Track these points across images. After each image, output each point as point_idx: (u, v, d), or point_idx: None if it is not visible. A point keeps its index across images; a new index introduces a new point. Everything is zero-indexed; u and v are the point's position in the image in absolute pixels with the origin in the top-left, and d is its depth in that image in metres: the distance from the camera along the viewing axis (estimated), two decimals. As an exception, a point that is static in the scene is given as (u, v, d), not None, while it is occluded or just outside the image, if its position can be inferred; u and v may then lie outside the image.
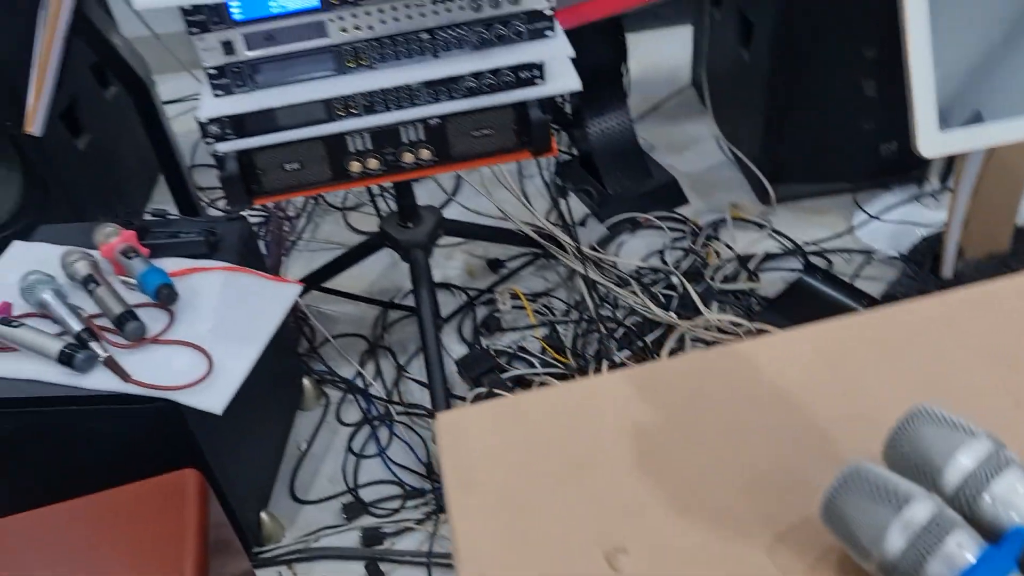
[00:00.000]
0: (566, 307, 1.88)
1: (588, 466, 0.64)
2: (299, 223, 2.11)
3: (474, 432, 0.69)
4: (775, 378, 0.68)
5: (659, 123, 2.36)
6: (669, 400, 0.68)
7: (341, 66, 1.36)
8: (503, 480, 0.65)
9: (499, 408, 0.70)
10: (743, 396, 0.67)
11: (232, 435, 1.45)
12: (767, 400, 0.67)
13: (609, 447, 0.65)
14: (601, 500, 0.62)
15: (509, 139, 1.44)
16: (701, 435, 0.65)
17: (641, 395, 0.69)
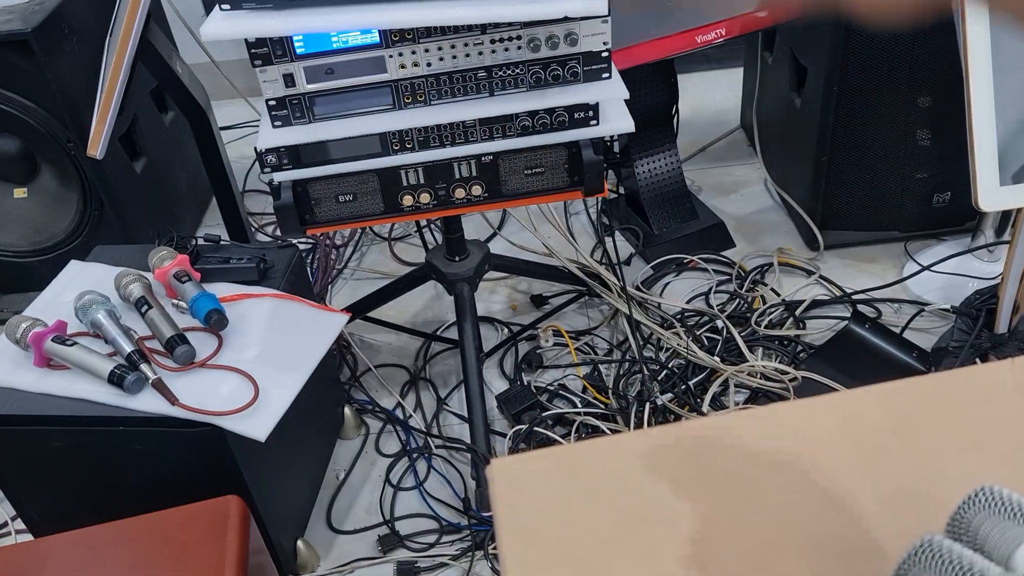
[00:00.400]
0: (608, 346, 1.87)
1: (647, 522, 0.64)
2: (346, 252, 2.13)
3: (529, 480, 0.68)
4: (839, 439, 0.67)
5: (707, 165, 2.35)
6: (730, 456, 0.67)
7: (398, 101, 1.38)
8: (558, 531, 0.64)
9: (555, 456, 0.69)
10: (806, 457, 0.66)
11: (273, 462, 1.45)
12: (831, 463, 0.65)
13: (669, 503, 0.64)
14: (659, 558, 0.61)
15: (561, 178, 1.45)
16: (762, 496, 0.64)
17: (703, 448, 0.68)
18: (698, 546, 0.62)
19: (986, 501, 0.53)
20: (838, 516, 0.61)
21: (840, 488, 0.63)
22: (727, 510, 0.64)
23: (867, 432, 0.67)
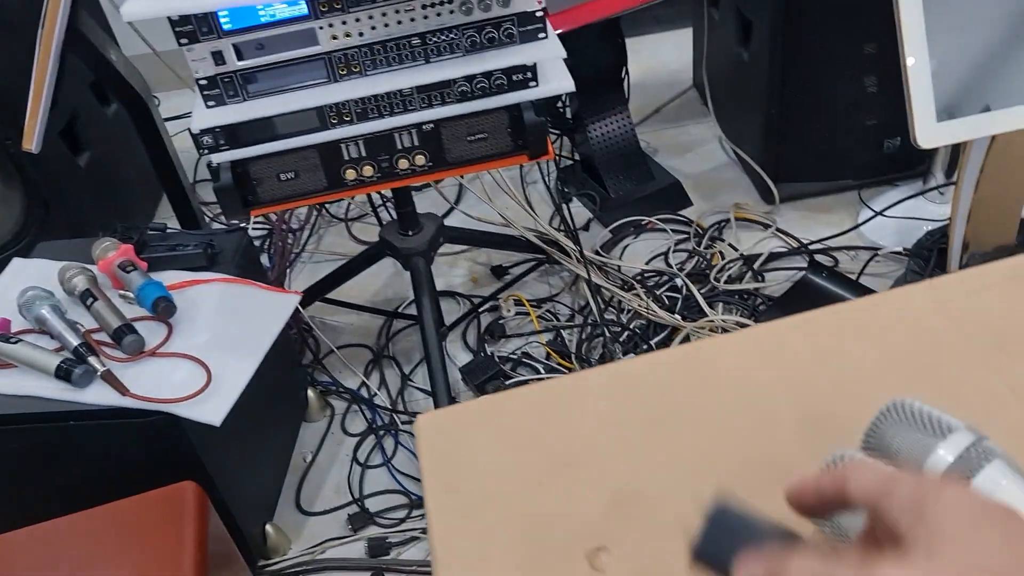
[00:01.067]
0: (570, 312, 1.86)
1: (571, 464, 0.63)
2: (303, 235, 2.11)
3: (455, 432, 0.67)
4: (762, 369, 0.66)
5: (661, 126, 2.35)
6: (653, 395, 0.67)
7: (333, 73, 1.36)
8: (483, 480, 0.64)
9: (481, 407, 0.69)
10: (729, 389, 0.66)
11: (234, 447, 1.44)
12: (754, 393, 0.65)
13: (592, 444, 0.64)
14: (583, 499, 0.61)
15: (505, 143, 1.43)
16: (685, 430, 0.64)
17: (626, 390, 0.67)
18: (623, 482, 0.61)
19: (898, 414, 0.53)
20: (762, 441, 0.61)
21: (764, 415, 0.63)
22: (652, 445, 0.63)
23: (791, 360, 0.67)
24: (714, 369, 0.67)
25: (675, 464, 0.62)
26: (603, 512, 0.60)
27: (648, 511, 0.59)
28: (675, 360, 0.69)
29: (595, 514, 0.60)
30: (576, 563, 0.57)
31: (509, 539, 0.60)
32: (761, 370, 0.66)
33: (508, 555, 0.59)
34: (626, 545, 0.57)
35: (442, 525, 0.61)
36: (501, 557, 0.59)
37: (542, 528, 0.60)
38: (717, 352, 0.69)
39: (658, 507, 0.59)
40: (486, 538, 0.60)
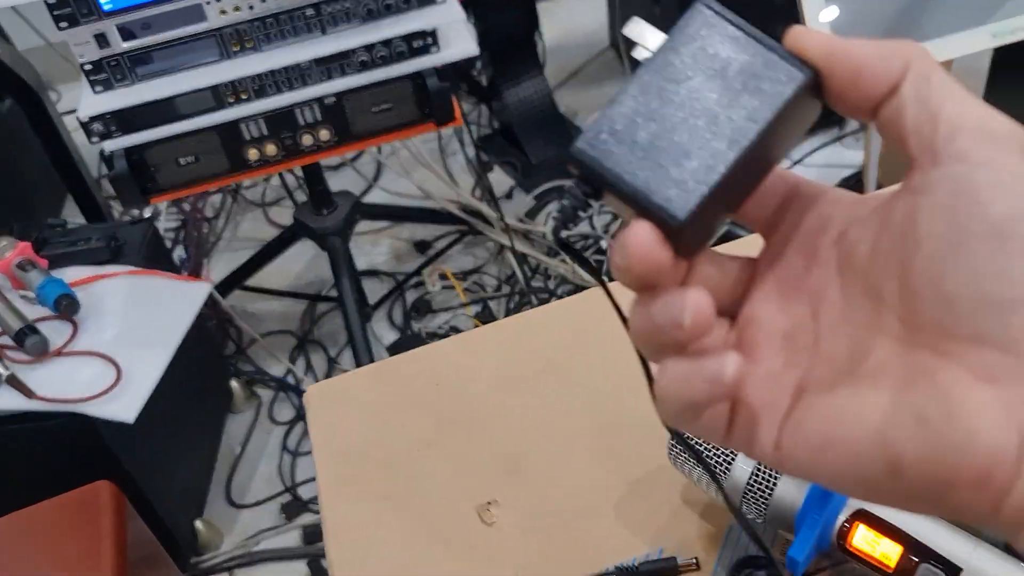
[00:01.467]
0: (497, 282, 1.84)
1: (460, 423, 0.61)
2: (218, 223, 2.05)
3: (345, 400, 0.65)
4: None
5: (580, 88, 2.32)
6: (542, 349, 0.65)
7: (226, 50, 1.31)
8: (373, 446, 0.61)
9: (370, 374, 0.67)
10: (619, 337, 0.64)
11: (153, 444, 1.39)
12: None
13: (481, 402, 0.62)
14: (473, 456, 0.59)
15: (411, 112, 1.40)
16: (574, 382, 0.62)
17: (514, 346, 0.66)
18: (512, 437, 0.60)
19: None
20: (646, 392, 0.60)
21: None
22: (540, 399, 0.62)
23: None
24: (605, 317, 0.66)
25: (563, 416, 0.60)
26: (492, 468, 0.58)
27: (537, 464, 0.58)
28: (564, 312, 0.68)
29: (484, 470, 0.58)
30: (466, 518, 0.55)
31: (399, 501, 0.58)
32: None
33: (398, 517, 0.57)
34: (515, 497, 0.56)
35: (331, 493, 0.59)
36: (391, 520, 0.57)
37: (432, 488, 0.58)
38: (606, 299, 0.67)
39: (547, 459, 0.58)
40: (376, 502, 0.58)
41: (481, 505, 0.56)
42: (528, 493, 0.56)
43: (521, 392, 0.62)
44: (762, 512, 0.49)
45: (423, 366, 0.66)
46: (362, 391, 0.65)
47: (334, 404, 0.64)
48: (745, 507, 0.49)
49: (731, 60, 0.30)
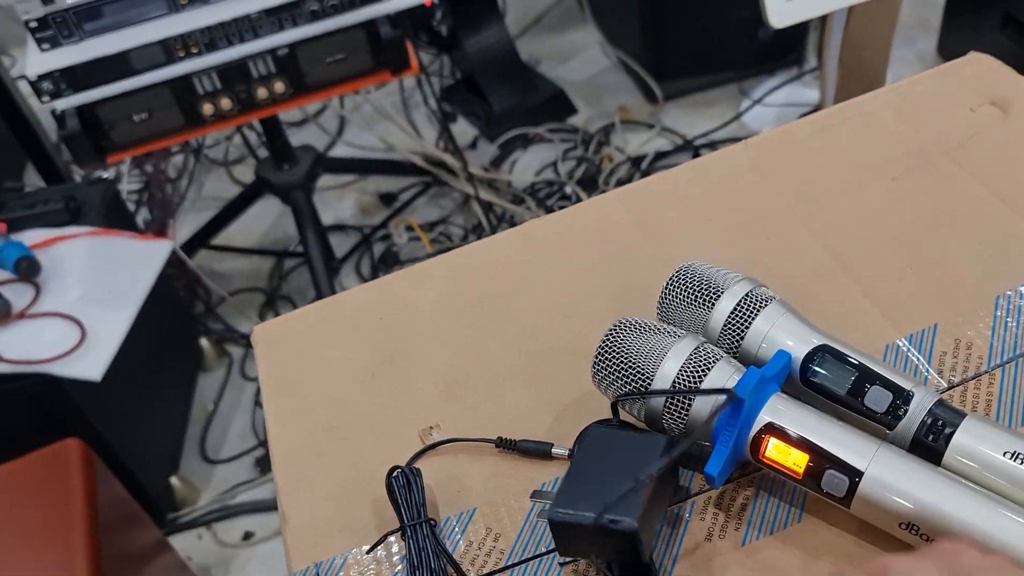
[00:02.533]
0: (463, 232, 1.85)
1: (403, 354, 0.62)
2: (182, 184, 2.04)
3: (291, 338, 0.66)
4: (586, 246, 0.66)
5: (542, 35, 2.31)
6: (482, 280, 0.66)
7: (174, 4, 1.30)
8: (318, 380, 0.63)
9: (316, 311, 0.67)
10: (554, 267, 0.65)
11: (123, 403, 1.40)
12: (576, 269, 0.65)
13: (423, 333, 0.63)
14: (415, 385, 0.60)
15: (365, 61, 1.39)
16: (511, 311, 0.64)
17: (455, 278, 0.67)
18: (453, 365, 0.61)
19: (680, 282, 0.54)
20: (580, 317, 0.61)
21: (585, 291, 0.63)
22: (480, 328, 0.63)
23: (613, 234, 0.66)
24: (541, 249, 0.67)
25: (500, 344, 0.61)
26: (434, 395, 0.59)
27: (475, 389, 0.59)
28: (504, 243, 0.69)
29: (427, 398, 0.59)
30: (409, 442, 0.57)
31: (344, 432, 0.59)
32: (585, 247, 0.66)
33: (343, 445, 0.59)
34: (457, 420, 0.57)
35: (279, 426, 0.60)
36: (336, 448, 0.59)
37: (376, 417, 0.59)
38: (545, 231, 0.68)
39: (484, 385, 0.60)
40: (321, 434, 0.60)
41: (423, 429, 0.57)
42: (467, 416, 0.58)
43: (460, 323, 0.63)
44: (681, 428, 0.50)
45: (366, 301, 0.66)
46: (308, 328, 0.66)
47: (281, 342, 0.65)
48: (665, 425, 0.51)
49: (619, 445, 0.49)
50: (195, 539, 1.49)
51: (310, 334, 0.65)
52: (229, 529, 1.49)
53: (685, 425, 0.50)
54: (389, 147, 1.99)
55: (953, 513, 0.44)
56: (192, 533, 1.50)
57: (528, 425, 0.56)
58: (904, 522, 0.45)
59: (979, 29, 1.75)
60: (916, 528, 0.45)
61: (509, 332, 0.62)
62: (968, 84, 0.69)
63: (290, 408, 0.61)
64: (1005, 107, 0.65)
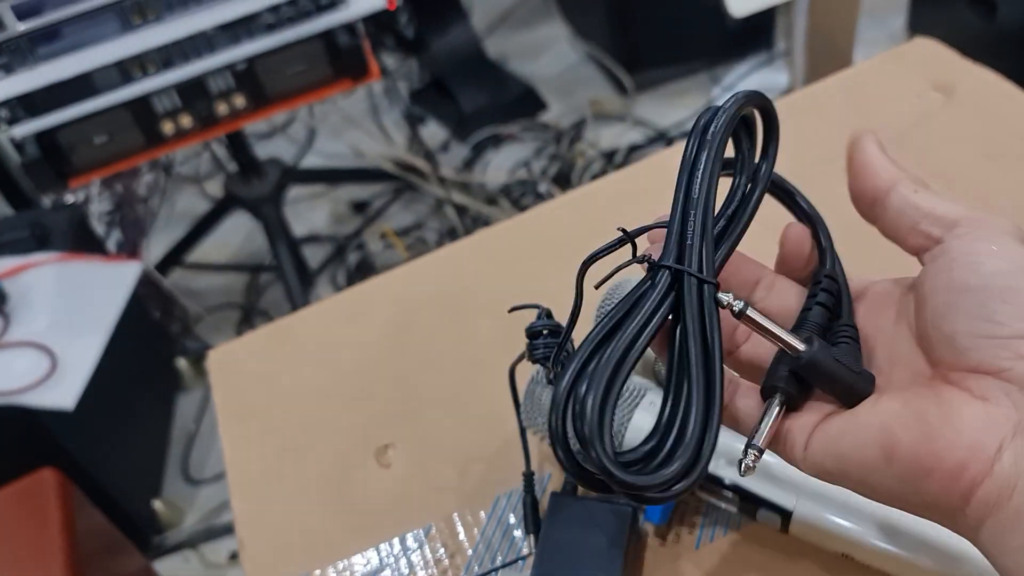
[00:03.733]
0: (439, 236, 1.83)
1: (357, 372, 0.61)
2: (154, 202, 2.02)
3: (246, 361, 0.65)
4: (549, 248, 0.65)
5: (510, 32, 2.30)
6: (438, 291, 0.65)
7: (127, 24, 1.28)
8: (273, 402, 0.62)
9: (269, 333, 0.66)
10: (516, 272, 0.64)
11: (100, 430, 1.39)
12: (537, 273, 0.64)
13: (377, 349, 0.62)
14: (370, 403, 0.60)
15: (325, 71, 1.38)
16: (469, 321, 0.63)
17: (411, 291, 0.66)
18: (408, 381, 0.60)
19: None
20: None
21: (552, 292, 0.62)
22: (436, 341, 0.62)
23: (582, 229, 0.65)
24: (505, 253, 0.66)
25: (454, 355, 0.60)
26: (389, 412, 0.58)
27: (432, 404, 0.58)
28: (460, 251, 0.68)
29: (381, 415, 0.59)
30: (364, 463, 0.56)
31: (299, 453, 0.59)
32: (552, 247, 0.65)
33: (298, 468, 0.58)
34: (413, 439, 0.57)
35: (235, 451, 0.59)
36: (292, 471, 0.58)
37: (330, 437, 0.59)
38: (506, 236, 0.67)
39: (439, 399, 0.59)
40: (277, 456, 0.59)
41: (378, 448, 0.56)
42: (423, 433, 0.57)
43: (413, 336, 0.62)
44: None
45: (321, 320, 0.66)
46: (262, 351, 0.65)
47: (235, 366, 0.64)
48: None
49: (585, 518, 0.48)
50: (182, 561, 1.47)
51: (265, 357, 0.64)
52: (216, 549, 1.48)
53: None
54: (359, 154, 1.97)
55: (891, 529, 0.43)
56: (178, 556, 1.48)
57: (485, 438, 0.55)
58: (842, 552, 0.45)
59: (946, 6, 1.75)
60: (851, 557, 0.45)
61: (463, 343, 0.61)
62: (914, 69, 0.68)
63: (246, 433, 0.60)
64: (948, 92, 0.64)
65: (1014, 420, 0.29)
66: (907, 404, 0.31)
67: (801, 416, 0.33)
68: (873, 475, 0.31)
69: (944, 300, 0.31)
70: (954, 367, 0.30)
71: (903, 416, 0.30)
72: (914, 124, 0.63)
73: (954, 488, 0.29)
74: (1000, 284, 0.30)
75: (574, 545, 0.47)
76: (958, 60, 0.66)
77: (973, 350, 0.30)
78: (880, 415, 0.31)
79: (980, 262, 0.31)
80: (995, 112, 0.63)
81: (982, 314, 0.30)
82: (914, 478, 0.30)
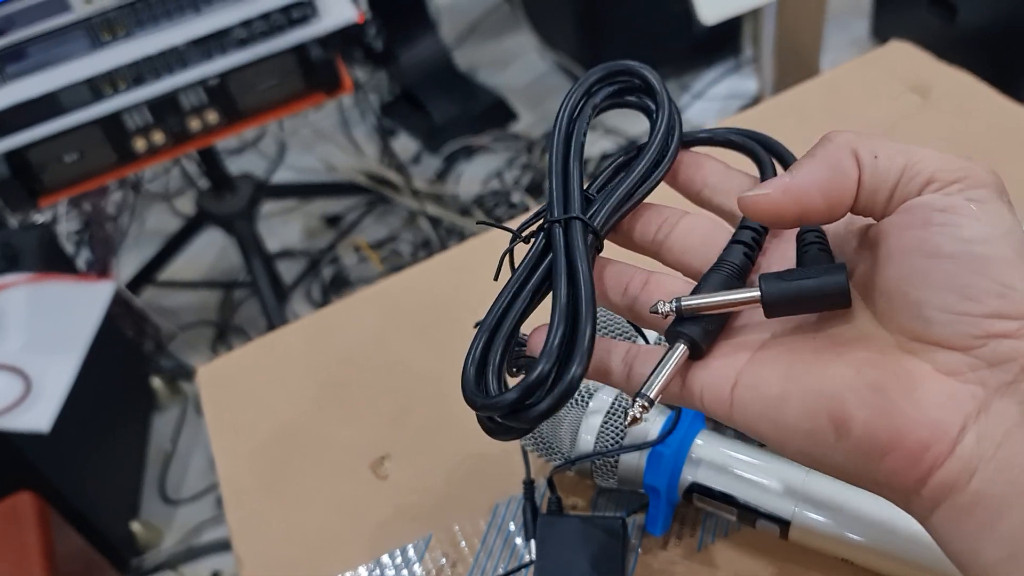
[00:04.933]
0: (413, 248, 1.83)
1: (347, 385, 0.61)
2: (123, 220, 2.00)
3: (236, 377, 0.65)
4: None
5: (479, 44, 2.31)
6: (422, 302, 0.65)
7: (97, 40, 1.27)
8: (265, 417, 0.61)
9: (257, 348, 0.66)
10: (491, 286, 0.64)
11: (76, 452, 1.37)
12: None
13: (366, 362, 0.62)
14: (363, 415, 0.59)
15: (297, 84, 1.37)
16: (454, 331, 0.63)
17: (396, 302, 0.65)
18: (399, 392, 0.60)
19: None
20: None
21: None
22: (424, 351, 0.62)
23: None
24: (486, 264, 0.66)
25: (446, 366, 0.60)
26: (382, 423, 0.58)
27: (425, 414, 0.58)
28: (443, 266, 0.68)
29: (375, 427, 0.58)
30: (360, 475, 0.56)
31: (294, 466, 0.58)
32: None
33: (293, 482, 0.57)
34: (407, 449, 0.57)
35: (228, 467, 0.59)
36: (287, 486, 0.57)
37: (325, 450, 0.58)
38: (489, 248, 0.68)
39: (433, 409, 0.59)
40: (271, 471, 0.58)
41: (374, 460, 0.56)
42: (418, 444, 0.57)
43: (405, 347, 0.62)
44: (614, 482, 0.50)
45: (308, 333, 0.65)
46: (252, 366, 0.65)
47: (225, 382, 0.64)
48: (600, 482, 0.51)
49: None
50: (162, 583, 1.46)
51: (255, 371, 0.64)
52: (196, 570, 1.46)
53: (617, 479, 0.50)
54: (331, 168, 1.97)
55: (889, 534, 0.44)
56: (158, 577, 1.46)
57: (479, 447, 0.55)
58: (842, 557, 0.46)
59: (909, 10, 1.78)
60: (851, 562, 0.46)
61: (454, 353, 0.61)
62: (890, 72, 0.69)
63: (239, 448, 0.59)
64: (924, 94, 0.66)
65: (980, 399, 0.26)
66: (861, 373, 0.27)
67: (715, 362, 0.30)
68: (818, 448, 0.28)
69: (913, 264, 0.27)
70: (918, 338, 0.27)
71: (856, 386, 0.27)
72: (892, 126, 0.65)
73: (912, 469, 0.26)
74: (978, 253, 0.27)
75: (571, 562, 0.47)
76: (933, 62, 0.67)
77: (942, 324, 0.27)
78: (829, 381, 0.28)
79: (958, 224, 0.27)
80: (971, 112, 0.64)
81: (956, 287, 0.27)
82: (868, 456, 0.27)
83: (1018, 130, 0.63)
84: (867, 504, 0.44)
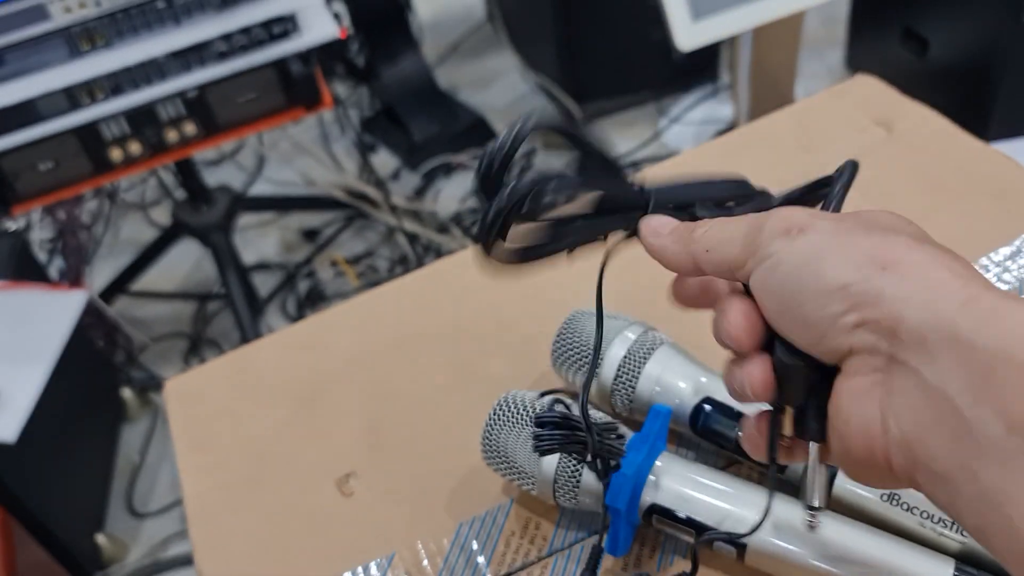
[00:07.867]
0: (390, 264, 1.83)
1: (316, 401, 0.61)
2: (97, 229, 1.99)
3: (203, 391, 0.64)
4: (501, 280, 0.66)
5: (460, 63, 2.32)
6: (395, 319, 0.65)
7: (75, 49, 1.27)
8: (232, 432, 0.61)
9: (227, 363, 0.66)
10: (464, 306, 0.65)
11: (41, 463, 1.35)
12: (496, 302, 0.65)
13: (336, 379, 0.62)
14: (330, 431, 0.59)
15: (277, 99, 1.38)
16: (426, 349, 0.63)
17: (369, 320, 0.66)
18: (368, 409, 0.60)
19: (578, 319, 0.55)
20: (492, 364, 0.61)
21: (506, 321, 0.63)
22: (394, 369, 0.62)
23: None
24: (459, 282, 0.67)
25: (416, 383, 0.61)
26: (350, 440, 0.58)
27: (393, 432, 0.59)
28: (417, 282, 0.68)
29: (342, 444, 0.59)
30: (325, 492, 0.56)
31: (260, 483, 0.58)
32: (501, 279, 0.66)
33: (259, 498, 0.57)
34: (373, 467, 0.57)
35: (193, 484, 0.59)
36: (252, 501, 0.57)
37: (290, 466, 0.58)
38: (462, 266, 0.68)
39: (401, 426, 0.59)
40: (237, 486, 0.58)
41: (340, 478, 0.56)
42: (384, 461, 0.57)
43: (375, 364, 0.63)
44: (575, 499, 0.50)
45: (279, 349, 0.65)
46: (221, 380, 0.65)
47: (193, 397, 0.64)
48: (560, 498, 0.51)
49: None
50: (126, 597, 1.44)
51: (223, 386, 0.64)
52: (162, 584, 1.45)
53: (577, 501, 0.50)
54: (310, 182, 1.97)
55: (845, 560, 0.44)
56: (122, 591, 1.45)
57: (448, 465, 0.56)
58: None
59: (882, 42, 1.82)
60: None
61: (424, 371, 0.61)
62: (857, 105, 0.71)
63: (205, 464, 0.59)
64: (889, 127, 0.67)
65: (880, 379, 0.31)
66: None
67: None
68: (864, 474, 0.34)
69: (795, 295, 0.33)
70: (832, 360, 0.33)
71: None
72: (856, 157, 0.66)
73: (875, 472, 0.32)
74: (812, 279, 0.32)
75: None
76: (898, 97, 0.69)
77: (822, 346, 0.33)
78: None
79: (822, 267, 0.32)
80: (933, 147, 0.66)
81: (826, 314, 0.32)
82: (856, 476, 0.34)
83: (978, 166, 0.65)
84: (825, 529, 0.45)
